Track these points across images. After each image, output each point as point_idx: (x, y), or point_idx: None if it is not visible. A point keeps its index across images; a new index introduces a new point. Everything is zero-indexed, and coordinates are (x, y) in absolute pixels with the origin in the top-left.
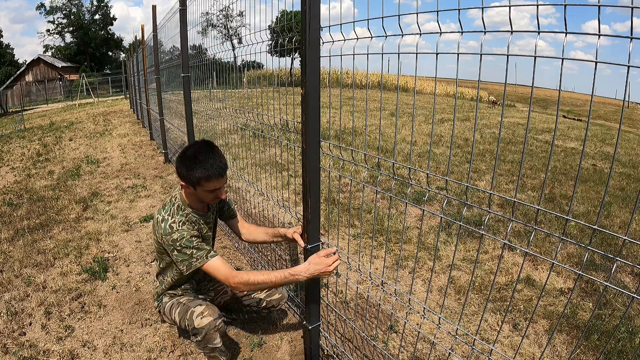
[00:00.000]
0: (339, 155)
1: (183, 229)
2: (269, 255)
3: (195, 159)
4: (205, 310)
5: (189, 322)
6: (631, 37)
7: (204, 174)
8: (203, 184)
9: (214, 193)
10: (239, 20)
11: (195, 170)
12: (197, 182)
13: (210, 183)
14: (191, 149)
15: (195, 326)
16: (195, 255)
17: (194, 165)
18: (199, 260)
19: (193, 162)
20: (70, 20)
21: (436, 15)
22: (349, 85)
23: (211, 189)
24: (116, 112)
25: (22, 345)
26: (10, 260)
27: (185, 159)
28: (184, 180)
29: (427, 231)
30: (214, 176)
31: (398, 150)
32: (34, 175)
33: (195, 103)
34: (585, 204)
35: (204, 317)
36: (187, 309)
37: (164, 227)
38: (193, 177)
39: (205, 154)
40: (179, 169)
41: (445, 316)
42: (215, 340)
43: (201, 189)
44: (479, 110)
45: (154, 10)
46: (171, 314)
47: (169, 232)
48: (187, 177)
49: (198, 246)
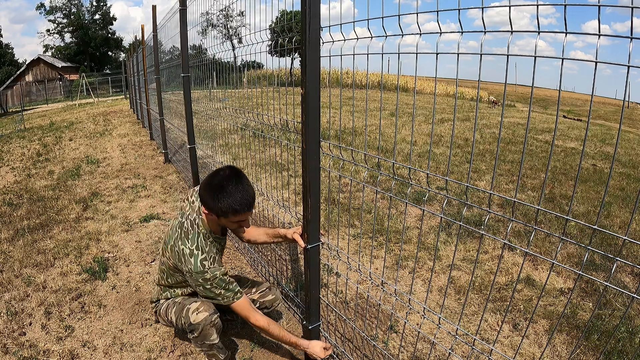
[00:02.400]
0: (339, 155)
1: (215, 268)
2: (269, 255)
3: (223, 190)
4: (200, 306)
5: (185, 319)
6: (631, 37)
7: (232, 208)
8: (230, 217)
9: (238, 223)
10: (239, 20)
11: (223, 202)
12: (224, 214)
13: (237, 216)
14: (217, 177)
15: (191, 322)
16: (223, 295)
17: (222, 197)
18: (224, 300)
19: (220, 194)
20: (70, 20)
21: (436, 15)
22: (349, 85)
23: (238, 220)
24: (116, 112)
25: (22, 345)
26: (10, 260)
27: (212, 189)
28: (209, 210)
29: (427, 231)
30: (242, 210)
31: (398, 150)
32: (34, 175)
33: (195, 103)
34: (585, 204)
35: (200, 312)
36: (182, 307)
37: (195, 263)
38: (220, 209)
39: (234, 185)
40: (204, 199)
41: (445, 316)
42: (212, 336)
43: (226, 220)
44: (479, 110)
45: (154, 10)
46: (167, 314)
47: (201, 270)
48: (212, 208)
49: (228, 287)
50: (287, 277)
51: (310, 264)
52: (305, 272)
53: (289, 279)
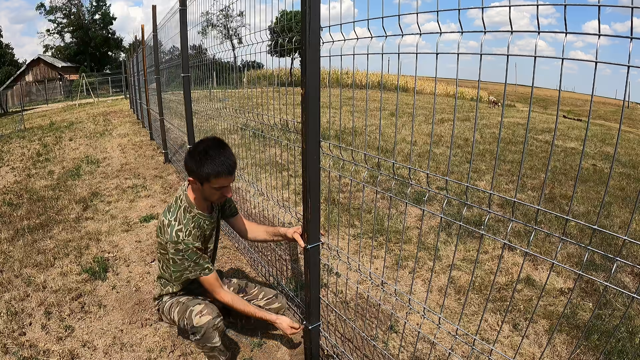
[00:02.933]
0: (339, 155)
1: (188, 240)
2: (269, 255)
3: (206, 155)
4: (204, 309)
5: (188, 320)
6: (631, 37)
7: (214, 170)
8: (212, 180)
9: (220, 191)
10: (239, 20)
11: (206, 165)
12: (206, 177)
13: (219, 180)
14: (202, 144)
15: (194, 324)
16: (192, 269)
17: (205, 161)
18: (192, 273)
19: (204, 158)
20: (70, 20)
21: (436, 15)
22: (349, 85)
23: (219, 186)
24: (116, 112)
25: (22, 345)
26: (10, 260)
27: (196, 154)
28: (193, 176)
29: (427, 231)
30: (224, 173)
31: (398, 150)
32: (34, 175)
33: (195, 103)
34: (585, 204)
35: (203, 315)
36: (186, 308)
37: (170, 233)
38: (203, 172)
39: (216, 150)
40: (188, 164)
41: (445, 316)
42: (214, 339)
43: (209, 185)
44: (479, 110)
45: (154, 10)
46: (170, 313)
47: (175, 240)
48: (196, 172)
49: (197, 261)
50: (287, 277)
51: (310, 263)
52: (305, 272)
53: (289, 279)
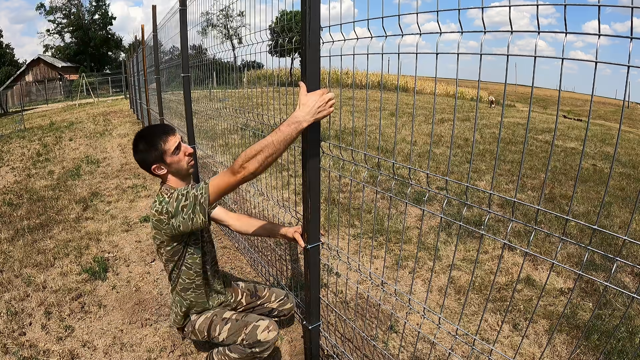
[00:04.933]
0: (339, 155)
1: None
2: (269, 255)
3: (142, 137)
4: (270, 325)
5: (250, 336)
6: (631, 37)
7: (158, 138)
8: (164, 147)
9: (180, 150)
10: (239, 20)
11: (150, 141)
12: (162, 151)
13: (169, 140)
14: (136, 137)
15: (260, 340)
16: (197, 193)
17: (145, 140)
18: (202, 196)
19: (142, 143)
20: (70, 20)
21: (436, 15)
22: (349, 85)
23: (173, 147)
24: (116, 112)
25: (22, 345)
26: (10, 260)
27: (138, 144)
28: (151, 160)
29: (427, 231)
30: (166, 134)
31: (398, 150)
32: (34, 175)
33: (195, 103)
34: (585, 204)
35: (271, 331)
36: (245, 324)
37: (161, 209)
38: (153, 148)
39: (146, 129)
40: (140, 157)
41: (445, 316)
42: (268, 351)
43: (168, 155)
44: (479, 110)
45: (154, 10)
46: (210, 330)
47: (167, 201)
48: (150, 154)
49: (196, 187)
50: (287, 277)
51: (310, 263)
52: (305, 272)
53: (289, 279)
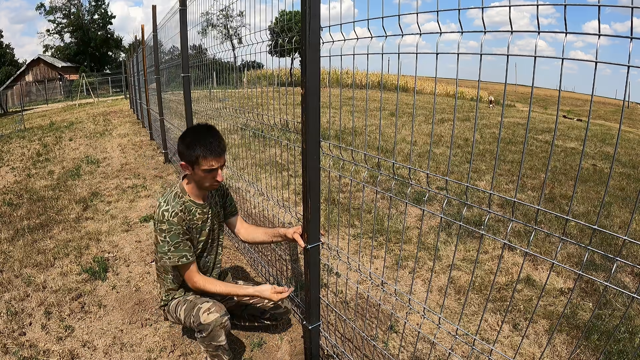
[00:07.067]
0: (339, 155)
1: (173, 221)
2: (269, 255)
3: (195, 137)
4: (212, 307)
5: (195, 318)
6: (631, 37)
7: (202, 151)
8: (201, 162)
9: (211, 174)
10: (239, 20)
11: (195, 147)
12: (195, 160)
13: (208, 161)
14: (193, 128)
15: (201, 322)
16: (170, 254)
17: (194, 143)
18: (170, 260)
19: (193, 140)
20: (70, 20)
21: (436, 15)
22: (349, 85)
23: (208, 167)
24: (116, 112)
25: (22, 345)
26: (10, 260)
27: (186, 137)
28: (184, 159)
29: (427, 231)
30: (212, 154)
31: (398, 150)
32: (34, 175)
33: (195, 103)
34: (585, 204)
35: (211, 313)
36: (193, 306)
37: (158, 212)
38: (192, 154)
39: (206, 133)
40: (179, 147)
41: (445, 316)
42: (220, 337)
43: (199, 168)
44: (479, 110)
45: (154, 10)
46: (176, 311)
47: (161, 219)
48: (186, 155)
49: (177, 247)
50: (287, 277)
51: (310, 263)
52: (305, 272)
53: (289, 279)
